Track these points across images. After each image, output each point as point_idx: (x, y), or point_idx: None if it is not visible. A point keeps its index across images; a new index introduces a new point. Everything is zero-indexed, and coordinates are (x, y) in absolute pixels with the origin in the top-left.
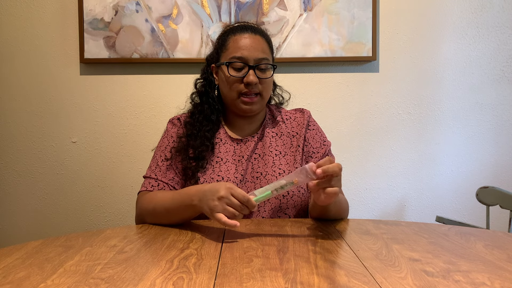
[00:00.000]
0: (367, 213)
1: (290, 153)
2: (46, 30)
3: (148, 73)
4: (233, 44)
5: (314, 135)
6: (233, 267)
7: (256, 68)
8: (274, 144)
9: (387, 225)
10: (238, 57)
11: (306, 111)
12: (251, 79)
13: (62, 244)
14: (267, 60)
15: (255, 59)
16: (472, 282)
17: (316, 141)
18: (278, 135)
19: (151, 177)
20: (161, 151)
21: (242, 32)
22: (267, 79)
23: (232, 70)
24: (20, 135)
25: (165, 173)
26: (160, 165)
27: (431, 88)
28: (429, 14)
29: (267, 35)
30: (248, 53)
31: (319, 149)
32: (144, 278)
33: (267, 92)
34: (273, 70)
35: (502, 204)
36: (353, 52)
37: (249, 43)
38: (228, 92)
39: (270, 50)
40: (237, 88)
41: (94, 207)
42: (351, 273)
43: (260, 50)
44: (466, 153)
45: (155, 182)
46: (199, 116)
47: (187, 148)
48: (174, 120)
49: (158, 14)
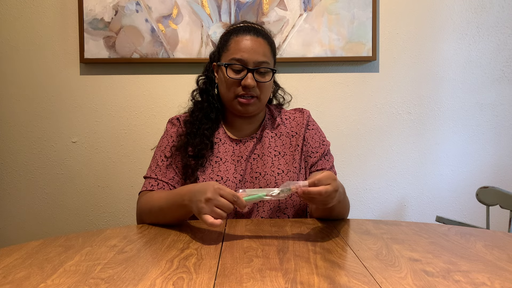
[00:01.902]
0: (367, 213)
1: (289, 153)
2: (46, 30)
3: (148, 73)
4: (234, 45)
5: (313, 135)
6: (233, 267)
7: (255, 72)
8: (273, 145)
9: (387, 225)
10: (237, 59)
11: (305, 111)
12: (249, 83)
13: (62, 244)
14: (267, 63)
15: (254, 62)
16: (472, 282)
17: (315, 141)
18: (277, 135)
19: (151, 177)
20: (161, 151)
21: (244, 33)
22: (265, 83)
23: (231, 72)
24: (20, 135)
25: (165, 172)
26: (160, 165)
27: (431, 88)
28: (429, 14)
29: (270, 38)
30: (248, 55)
31: (318, 149)
32: (144, 278)
33: (265, 95)
34: (272, 73)
35: (502, 204)
36: (353, 52)
37: (250, 46)
38: (225, 92)
39: (271, 53)
40: (235, 90)
41: (94, 207)
42: (351, 273)
43: (261, 53)
44: (466, 153)
45: (155, 181)
46: (199, 114)
47: (187, 146)
48: (174, 120)
49: (158, 14)
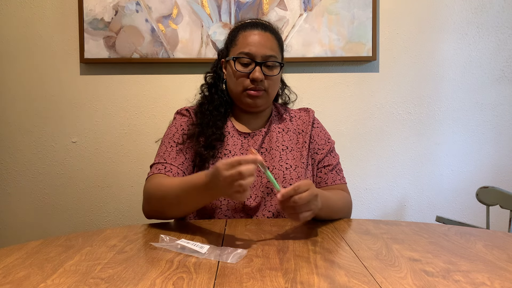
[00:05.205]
0: (367, 213)
1: (296, 149)
2: (46, 30)
3: (148, 73)
4: (242, 40)
5: (319, 133)
6: (233, 267)
7: (263, 65)
8: (281, 139)
9: (387, 225)
10: (246, 53)
11: (311, 110)
12: (257, 76)
13: (62, 244)
14: (275, 57)
15: (262, 56)
16: (472, 282)
17: (321, 139)
18: (285, 130)
19: (160, 162)
20: (169, 138)
21: (252, 28)
22: (273, 77)
23: (239, 65)
24: (20, 135)
25: (175, 157)
26: (169, 150)
27: (431, 88)
28: (429, 14)
29: (278, 33)
30: (256, 49)
31: (324, 146)
32: (144, 278)
33: (273, 89)
34: (280, 68)
35: (502, 204)
36: (353, 52)
37: (257, 40)
38: (234, 86)
39: (279, 48)
40: (243, 83)
41: (94, 207)
42: (351, 273)
43: (268, 47)
44: (466, 153)
45: (163, 166)
46: (209, 106)
47: (198, 136)
48: (183, 111)
49: (158, 14)
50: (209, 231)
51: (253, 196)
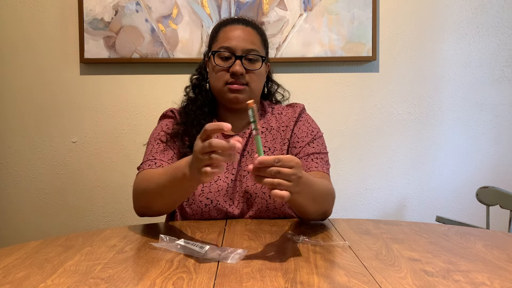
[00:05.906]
0: (367, 213)
1: (279, 148)
2: (46, 30)
3: (148, 73)
4: (223, 35)
5: (301, 126)
6: (233, 267)
7: (244, 59)
8: (263, 140)
9: (387, 225)
10: (226, 47)
11: (298, 106)
12: (237, 69)
13: (62, 244)
14: (256, 51)
15: (243, 50)
16: (472, 282)
17: (302, 131)
18: (268, 129)
19: (149, 159)
20: (156, 138)
21: (233, 24)
22: (255, 71)
23: (219, 60)
24: (20, 135)
25: (163, 153)
26: (157, 147)
27: (431, 88)
28: (429, 14)
29: (260, 29)
30: (236, 43)
31: (305, 138)
32: (144, 278)
33: (255, 83)
34: (262, 62)
35: (502, 204)
36: (353, 52)
37: (238, 34)
38: (215, 81)
39: (262, 43)
40: (223, 78)
41: (94, 207)
42: (351, 273)
43: (249, 41)
44: (466, 153)
45: (153, 162)
46: (193, 106)
47: (183, 136)
48: (168, 113)
49: (158, 14)
50: (209, 231)
51: (236, 202)
